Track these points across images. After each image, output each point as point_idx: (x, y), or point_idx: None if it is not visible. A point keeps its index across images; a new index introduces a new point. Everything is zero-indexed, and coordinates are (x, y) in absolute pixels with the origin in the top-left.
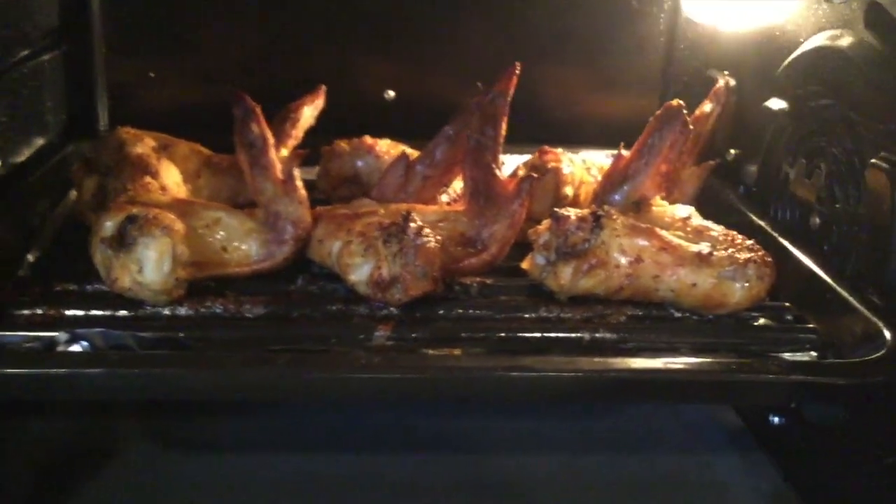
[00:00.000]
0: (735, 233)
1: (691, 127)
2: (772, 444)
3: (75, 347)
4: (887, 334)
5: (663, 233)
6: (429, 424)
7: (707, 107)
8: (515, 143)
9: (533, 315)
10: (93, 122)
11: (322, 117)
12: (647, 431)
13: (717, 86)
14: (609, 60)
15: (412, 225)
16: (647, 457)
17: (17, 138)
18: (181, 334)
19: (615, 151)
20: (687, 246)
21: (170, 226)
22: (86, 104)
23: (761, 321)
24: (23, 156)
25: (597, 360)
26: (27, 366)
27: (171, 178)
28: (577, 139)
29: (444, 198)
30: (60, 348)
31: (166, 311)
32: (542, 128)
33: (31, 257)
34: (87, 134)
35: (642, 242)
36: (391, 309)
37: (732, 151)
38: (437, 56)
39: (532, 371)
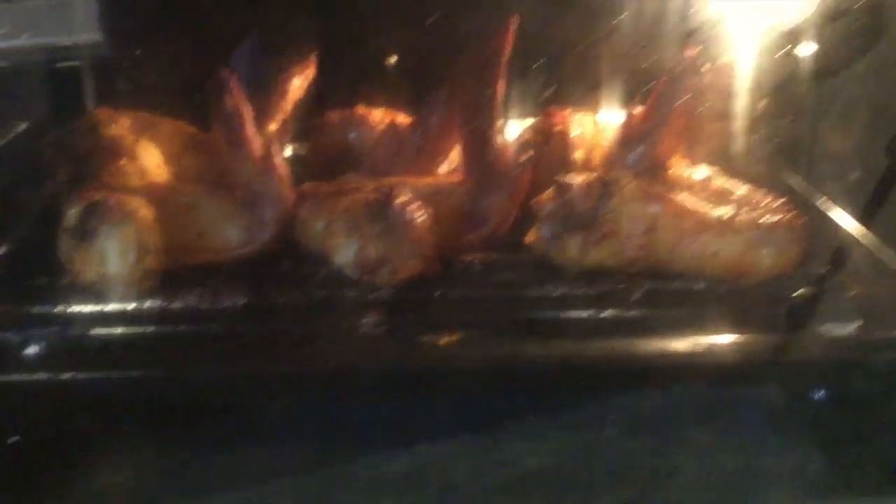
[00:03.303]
0: (763, 192)
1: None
2: None
3: (31, 350)
4: None
5: (680, 197)
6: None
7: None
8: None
9: (539, 293)
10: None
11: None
12: None
13: None
14: None
15: (397, 200)
16: None
17: None
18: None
19: None
20: (706, 211)
21: (134, 212)
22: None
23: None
24: None
25: None
26: None
27: (152, 160)
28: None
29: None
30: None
31: (135, 305)
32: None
33: (1, 251)
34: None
35: (656, 209)
36: (381, 292)
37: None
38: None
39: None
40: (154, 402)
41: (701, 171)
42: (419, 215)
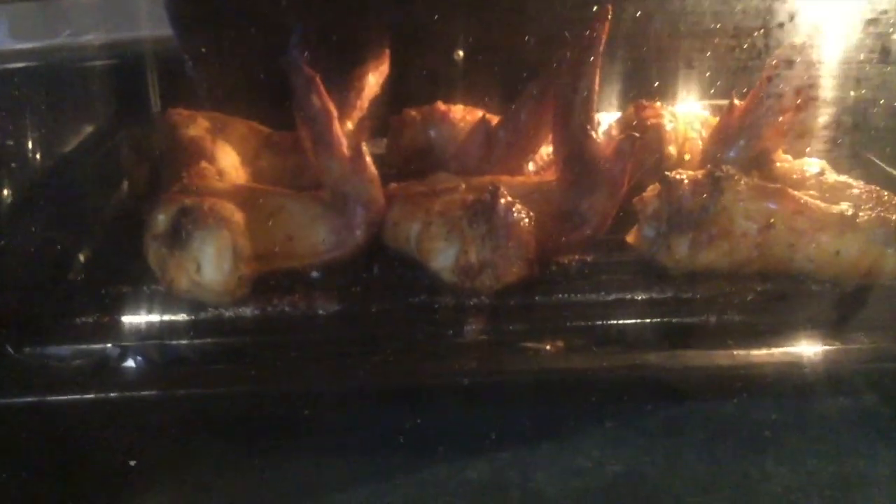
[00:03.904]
0: (879, 188)
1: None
2: None
3: (129, 363)
4: None
5: (797, 193)
6: None
7: None
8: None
9: (644, 297)
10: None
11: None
12: None
13: None
14: None
15: (501, 201)
16: None
17: (61, 126)
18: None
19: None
20: (827, 207)
21: (228, 217)
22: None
23: None
24: (69, 145)
25: None
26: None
27: (229, 162)
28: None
29: (530, 167)
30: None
31: (230, 314)
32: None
33: (81, 257)
34: (139, 118)
35: (772, 206)
36: (482, 298)
37: None
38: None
39: None
40: (251, 413)
41: (812, 166)
42: (524, 216)
